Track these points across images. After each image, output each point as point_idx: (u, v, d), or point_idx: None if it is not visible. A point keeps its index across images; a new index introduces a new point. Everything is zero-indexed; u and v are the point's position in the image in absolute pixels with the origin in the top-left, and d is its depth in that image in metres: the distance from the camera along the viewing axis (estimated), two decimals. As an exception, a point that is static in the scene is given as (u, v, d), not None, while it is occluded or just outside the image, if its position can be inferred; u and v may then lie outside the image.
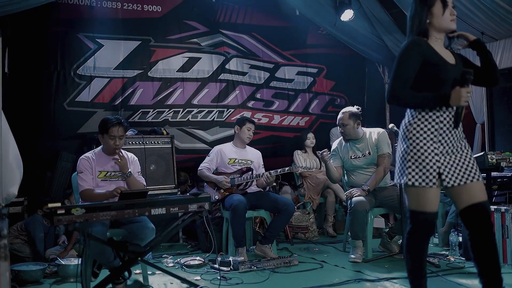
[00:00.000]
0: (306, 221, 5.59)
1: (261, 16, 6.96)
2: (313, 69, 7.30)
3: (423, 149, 2.50)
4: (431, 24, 2.58)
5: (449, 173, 2.51)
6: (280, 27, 7.08)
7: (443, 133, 2.52)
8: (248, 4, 6.84)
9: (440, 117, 2.51)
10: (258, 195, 4.77)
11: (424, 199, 2.51)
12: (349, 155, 4.64)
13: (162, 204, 3.18)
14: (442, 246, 4.90)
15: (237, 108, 6.62)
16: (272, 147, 6.84)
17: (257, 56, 6.87)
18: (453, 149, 2.55)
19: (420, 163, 2.49)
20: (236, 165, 4.83)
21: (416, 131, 2.52)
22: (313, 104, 7.28)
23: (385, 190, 4.54)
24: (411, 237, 2.58)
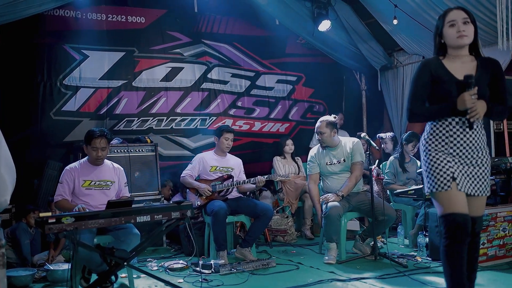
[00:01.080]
0: (285, 224, 5.84)
1: (242, 26, 7.19)
2: (292, 77, 7.57)
3: (435, 158, 2.68)
4: (446, 43, 2.77)
5: (461, 179, 2.65)
6: (261, 36, 7.32)
7: (453, 146, 2.67)
8: (229, 14, 7.05)
9: (450, 130, 2.68)
10: (238, 201, 5.00)
11: (448, 201, 2.62)
12: (325, 161, 4.92)
13: (147, 212, 3.41)
14: (412, 247, 5.19)
15: (219, 116, 6.86)
16: (253, 153, 7.09)
17: (238, 65, 7.11)
18: (467, 160, 2.68)
19: (434, 171, 2.67)
20: (217, 173, 5.06)
21: (428, 145, 2.74)
22: (292, 111, 7.55)
23: (358, 195, 4.84)
24: (445, 243, 2.63)
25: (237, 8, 6.92)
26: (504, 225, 4.40)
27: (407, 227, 5.40)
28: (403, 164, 5.57)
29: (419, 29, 6.36)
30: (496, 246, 4.35)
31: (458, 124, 2.67)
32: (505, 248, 4.40)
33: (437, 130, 2.73)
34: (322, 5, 6.87)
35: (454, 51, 2.75)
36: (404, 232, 5.44)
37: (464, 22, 2.68)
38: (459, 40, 2.68)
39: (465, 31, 2.66)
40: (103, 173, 4.10)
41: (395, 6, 6.19)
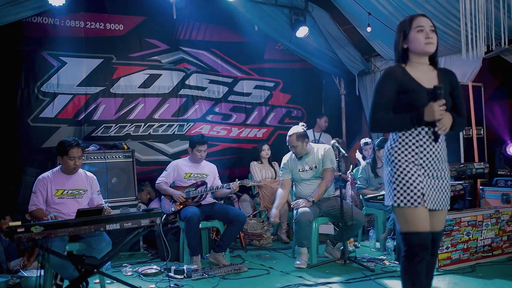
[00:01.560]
0: (261, 228, 5.95)
1: (221, 32, 7.28)
2: (269, 83, 7.68)
3: (406, 171, 2.55)
4: (409, 49, 2.65)
5: (430, 196, 2.56)
6: (239, 42, 7.41)
7: (423, 157, 2.57)
8: (208, 21, 7.13)
9: (420, 140, 2.57)
10: (212, 207, 5.10)
11: (414, 219, 2.53)
12: (297, 168, 5.03)
13: (116, 220, 3.49)
14: (382, 251, 5.32)
15: (197, 122, 6.94)
16: (231, 158, 7.18)
17: (216, 71, 7.20)
18: (433, 173, 2.60)
19: (404, 184, 2.55)
20: (191, 179, 5.15)
21: (397, 154, 2.59)
22: (270, 116, 7.66)
23: (328, 201, 4.96)
24: (406, 261, 2.57)
25: (216, 15, 7.01)
26: (468, 230, 4.53)
27: (378, 231, 5.53)
28: (375, 169, 5.70)
29: (393, 35, 6.49)
30: (460, 250, 4.49)
31: (427, 134, 2.58)
32: (468, 251, 4.54)
33: (406, 139, 2.60)
34: (300, 11, 7.00)
35: (417, 58, 2.66)
36: (376, 236, 5.57)
37: (431, 30, 2.63)
38: (427, 47, 2.61)
39: (433, 38, 2.61)
40: (76, 182, 4.17)
41: (369, 13, 6.33)
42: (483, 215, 4.64)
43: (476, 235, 4.58)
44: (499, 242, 4.73)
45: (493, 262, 4.61)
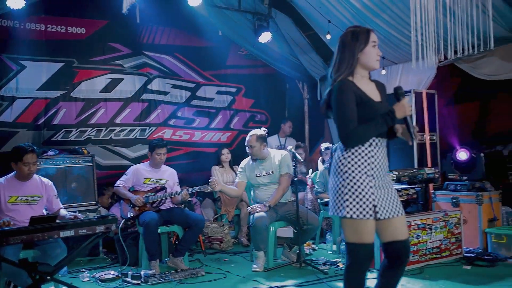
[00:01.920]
0: (221, 232, 6.03)
1: (185, 37, 7.32)
2: (232, 88, 7.78)
3: (359, 182, 2.53)
4: (358, 62, 2.63)
5: (382, 206, 2.56)
6: (203, 47, 7.47)
7: (374, 167, 2.57)
8: (171, 25, 7.16)
9: (371, 151, 2.57)
10: (171, 212, 5.15)
11: (363, 231, 2.53)
12: (255, 173, 5.13)
13: (70, 227, 3.52)
14: (338, 253, 5.47)
15: (159, 126, 6.97)
16: (194, 162, 7.24)
17: (179, 76, 7.23)
18: (383, 183, 2.61)
19: (357, 196, 2.52)
20: (151, 184, 5.19)
21: (351, 165, 2.55)
22: (234, 120, 7.76)
23: (285, 206, 5.07)
24: (350, 270, 2.60)
25: (179, 20, 7.05)
26: (418, 233, 4.71)
27: (335, 234, 5.67)
28: (332, 174, 5.83)
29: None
30: (410, 252, 4.65)
31: (377, 145, 2.60)
32: (418, 254, 4.71)
33: (359, 149, 2.57)
34: (263, 17, 7.09)
35: (364, 71, 2.68)
36: (333, 238, 5.72)
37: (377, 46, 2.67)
38: (377, 63, 2.65)
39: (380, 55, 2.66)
40: (30, 188, 4.17)
41: (329, 21, 6.48)
42: (432, 219, 4.83)
43: (425, 238, 4.76)
44: (447, 244, 4.92)
45: (441, 264, 4.80)
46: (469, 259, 4.87)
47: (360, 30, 2.65)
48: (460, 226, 5.03)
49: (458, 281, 4.24)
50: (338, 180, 2.60)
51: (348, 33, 2.66)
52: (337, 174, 2.62)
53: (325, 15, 6.43)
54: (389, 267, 2.68)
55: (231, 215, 6.32)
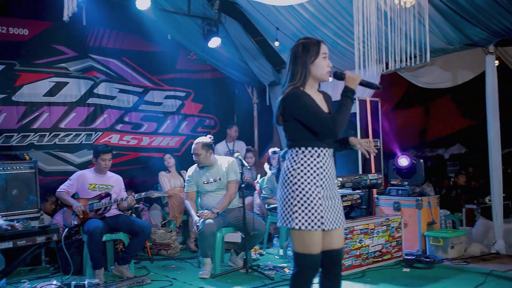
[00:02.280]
0: (169, 238, 5.99)
1: (133, 41, 7.23)
2: (181, 93, 7.74)
3: (308, 194, 2.55)
4: (310, 73, 2.65)
5: (328, 217, 2.59)
6: (151, 51, 7.40)
7: (323, 178, 2.60)
8: (119, 29, 7.05)
9: (320, 162, 2.60)
10: (117, 219, 5.07)
11: (310, 242, 2.56)
12: (202, 180, 5.14)
13: (8, 238, 3.41)
14: (285, 258, 5.55)
15: (106, 131, 6.85)
16: (142, 168, 7.16)
17: (126, 80, 7.13)
18: (331, 193, 2.65)
19: (306, 207, 2.54)
20: (96, 191, 5.09)
21: (300, 176, 2.57)
22: (182, 125, 7.73)
23: (232, 212, 5.11)
24: (297, 279, 2.63)
25: (128, 23, 6.95)
26: (360, 237, 4.86)
27: (282, 239, 5.76)
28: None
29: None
30: (353, 256, 4.79)
31: (326, 155, 2.64)
32: (360, 258, 4.86)
33: (308, 160, 2.60)
34: (213, 22, 7.10)
35: (314, 83, 2.71)
36: (280, 243, 5.80)
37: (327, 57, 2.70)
38: (327, 75, 2.69)
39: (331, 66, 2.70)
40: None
41: (277, 28, 6.58)
42: (374, 223, 4.99)
43: (367, 242, 4.91)
44: (388, 247, 5.10)
45: (382, 267, 4.96)
46: (408, 262, 5.06)
47: (310, 41, 2.69)
48: (400, 229, 5.23)
49: (398, 284, 4.40)
50: (287, 191, 2.62)
51: (299, 45, 2.69)
52: (286, 185, 2.63)
53: (273, 22, 6.52)
54: (325, 278, 2.73)
55: (179, 221, 6.30)
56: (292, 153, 2.67)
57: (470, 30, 5.33)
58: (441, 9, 5.09)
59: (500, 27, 5.17)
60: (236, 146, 7.78)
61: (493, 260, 5.09)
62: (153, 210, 6.78)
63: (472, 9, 4.96)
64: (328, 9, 5.74)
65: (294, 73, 2.68)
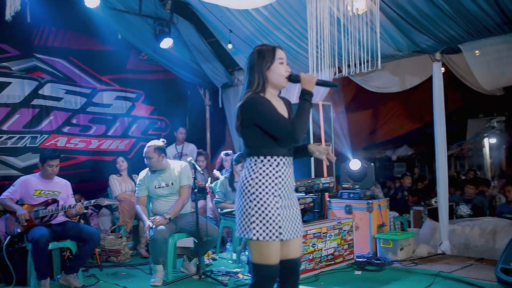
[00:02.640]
0: (119, 244, 5.82)
1: (81, 39, 6.96)
2: (132, 94, 7.54)
3: (266, 204, 2.53)
4: (267, 80, 2.62)
5: (286, 227, 2.57)
6: (101, 50, 7.15)
7: (281, 187, 2.57)
8: (67, 27, 6.76)
9: (279, 171, 2.57)
10: (64, 226, 4.87)
11: (268, 253, 2.54)
12: (153, 185, 5.02)
13: None
14: (238, 263, 5.52)
15: (52, 134, 6.56)
16: (91, 171, 6.93)
17: (73, 81, 6.85)
18: (289, 202, 2.63)
19: (264, 217, 2.52)
20: (42, 197, 4.87)
21: (258, 186, 2.54)
22: (132, 127, 7.52)
23: (185, 217, 5.02)
24: None
25: (75, 21, 6.67)
26: (314, 241, 4.90)
27: (235, 243, 5.72)
28: (232, 183, 5.88)
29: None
30: (307, 260, 4.82)
31: (285, 164, 2.61)
32: (314, 261, 4.89)
33: (267, 170, 2.58)
34: (165, 22, 6.95)
35: (273, 90, 2.68)
36: (233, 248, 5.76)
37: (286, 63, 2.67)
38: (285, 81, 2.65)
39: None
40: None
41: (230, 31, 6.54)
42: (327, 227, 5.04)
43: (320, 246, 4.96)
44: (340, 250, 5.17)
45: (335, 270, 5.03)
46: (360, 264, 5.16)
47: (266, 48, 2.67)
48: (352, 232, 5.31)
49: (350, 287, 4.47)
50: (245, 201, 2.59)
51: (255, 52, 2.67)
52: (243, 195, 2.60)
53: (227, 24, 6.47)
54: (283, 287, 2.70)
55: (129, 226, 6.13)
56: (250, 162, 2.63)
57: (418, 38, 5.50)
58: (391, 16, 5.23)
59: (445, 35, 5.37)
60: (185, 149, 7.67)
61: (439, 260, 5.27)
62: (102, 216, 6.57)
63: (420, 17, 5.12)
64: (282, 13, 5.76)
65: (251, 80, 2.65)
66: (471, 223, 5.79)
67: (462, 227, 5.76)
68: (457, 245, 5.66)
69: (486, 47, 5.44)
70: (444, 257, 5.43)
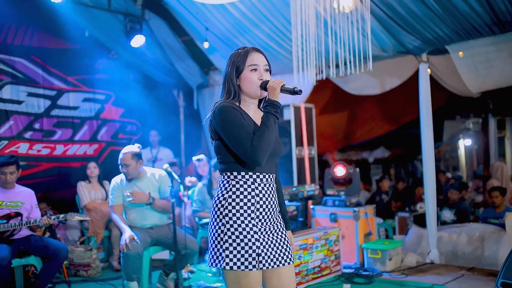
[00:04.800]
0: (89, 257, 5.41)
1: (44, 37, 6.43)
2: (100, 95, 7.04)
3: (241, 228, 2.22)
4: (240, 89, 2.37)
5: (266, 254, 2.25)
6: (66, 49, 6.64)
7: (260, 208, 2.28)
8: (28, 24, 6.22)
9: (256, 189, 2.28)
10: (28, 240, 4.44)
11: (246, 284, 2.22)
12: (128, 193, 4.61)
13: None
14: (218, 275, 5.18)
15: (12, 140, 5.99)
16: (57, 179, 6.41)
17: (36, 82, 6.30)
18: (270, 226, 2.32)
19: (238, 244, 2.20)
20: (3, 209, 4.42)
21: (231, 207, 2.24)
22: (101, 131, 7.03)
23: (161, 229, 4.63)
24: None
25: (38, 17, 6.16)
26: (300, 253, 4.60)
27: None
28: (211, 191, 5.55)
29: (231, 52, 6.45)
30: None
31: (263, 181, 2.30)
32: (300, 275, 4.60)
33: (241, 188, 2.27)
34: (136, 19, 6.57)
35: (250, 99, 2.39)
36: (212, 260, 5.42)
37: (265, 69, 2.37)
38: (258, 89, 2.34)
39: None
40: None
41: (207, 29, 6.19)
42: (313, 238, 4.76)
43: (307, 258, 4.67)
44: (327, 262, 4.90)
45: (322, 283, 4.76)
46: (348, 276, 4.90)
47: (237, 53, 2.39)
48: (339, 242, 5.05)
49: (339, 302, 4.21)
50: (216, 224, 2.26)
51: (230, 58, 2.40)
52: (216, 218, 2.27)
53: (203, 22, 6.12)
54: None
55: (100, 237, 5.70)
56: (223, 180, 2.33)
57: (405, 38, 5.31)
58: (378, 15, 5.00)
59: (433, 35, 5.18)
60: (160, 154, 7.29)
61: (430, 271, 5.06)
62: (70, 227, 6.12)
63: (408, 16, 4.92)
64: (261, 9, 5.46)
65: (223, 89, 2.41)
66: (458, 230, 5.61)
67: (450, 234, 5.58)
68: (445, 253, 5.48)
69: (474, 48, 5.29)
70: (433, 266, 5.22)
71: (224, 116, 2.25)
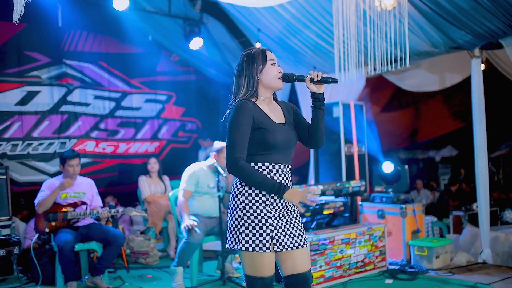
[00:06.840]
0: (147, 246, 5.80)
1: (110, 43, 6.95)
2: (162, 96, 7.48)
3: (256, 213, 2.43)
4: (260, 83, 2.55)
5: (280, 237, 2.45)
6: (131, 54, 7.13)
7: (274, 195, 2.46)
8: (96, 31, 6.77)
9: (273, 177, 2.47)
10: (90, 228, 4.85)
11: (260, 264, 2.43)
12: (208, 183, 4.87)
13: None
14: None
15: (80, 138, 6.59)
16: (120, 175, 6.92)
17: (102, 85, 6.85)
18: (284, 212, 2.50)
19: (254, 227, 2.42)
20: (68, 199, 4.88)
21: (248, 194, 2.46)
22: (162, 130, 7.47)
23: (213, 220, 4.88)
24: None
25: (105, 24, 6.70)
26: (342, 247, 4.68)
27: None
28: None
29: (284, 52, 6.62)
30: (334, 267, 4.62)
31: (278, 172, 2.49)
32: (341, 268, 4.68)
33: None
34: (194, 22, 6.90)
35: (267, 93, 2.58)
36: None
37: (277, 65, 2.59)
38: (279, 82, 2.55)
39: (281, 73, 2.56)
40: None
41: (258, 30, 6.40)
42: (356, 233, 4.81)
43: (349, 252, 4.74)
44: (371, 257, 4.93)
45: (365, 278, 4.79)
46: (392, 272, 4.90)
47: (255, 51, 2.60)
48: (384, 239, 5.05)
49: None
50: (235, 210, 2.49)
51: (244, 57, 2.59)
52: (234, 204, 2.50)
53: (255, 23, 6.34)
54: None
55: (158, 228, 6.09)
56: None
57: (454, 33, 5.17)
58: (424, 11, 4.93)
59: (484, 30, 5.01)
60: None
61: (479, 270, 4.92)
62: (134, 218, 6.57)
63: (455, 11, 4.79)
64: (309, 10, 5.56)
65: (239, 86, 2.58)
66: (516, 230, 5.40)
67: (506, 234, 5.37)
68: (500, 254, 5.28)
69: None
70: (484, 266, 5.06)
71: (235, 115, 2.45)
